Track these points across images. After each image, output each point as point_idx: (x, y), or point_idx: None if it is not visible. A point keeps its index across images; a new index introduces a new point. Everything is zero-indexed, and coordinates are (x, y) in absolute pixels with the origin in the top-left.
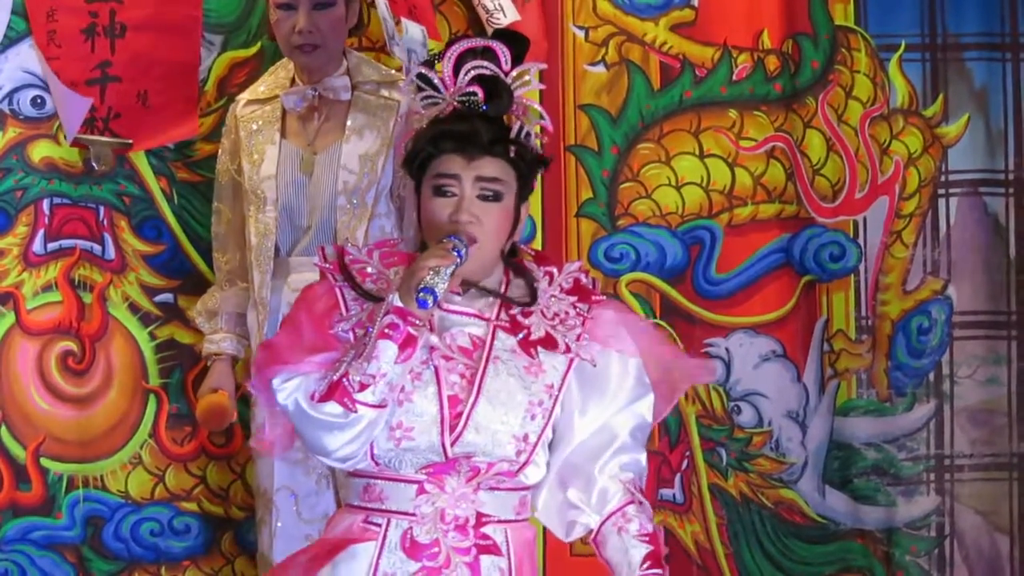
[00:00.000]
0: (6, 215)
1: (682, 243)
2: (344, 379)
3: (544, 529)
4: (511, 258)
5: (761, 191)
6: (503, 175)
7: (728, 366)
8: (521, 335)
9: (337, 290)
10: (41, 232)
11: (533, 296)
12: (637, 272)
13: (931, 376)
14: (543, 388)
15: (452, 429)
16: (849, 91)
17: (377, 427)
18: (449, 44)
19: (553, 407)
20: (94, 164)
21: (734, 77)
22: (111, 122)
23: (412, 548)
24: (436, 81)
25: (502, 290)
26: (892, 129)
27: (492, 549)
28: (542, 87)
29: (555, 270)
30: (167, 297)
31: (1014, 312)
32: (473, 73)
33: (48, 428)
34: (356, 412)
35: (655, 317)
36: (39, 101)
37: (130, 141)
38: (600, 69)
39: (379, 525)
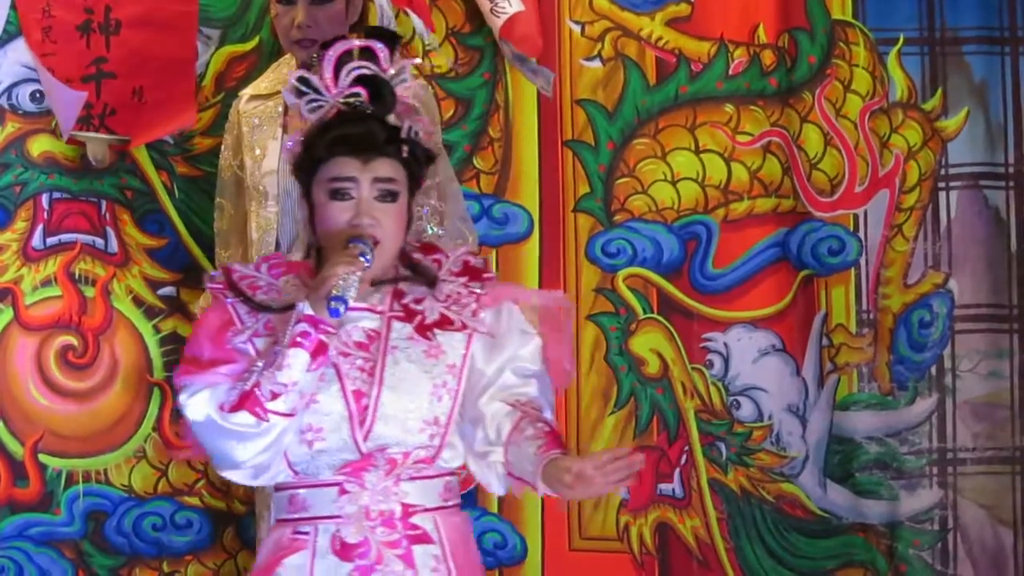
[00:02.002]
0: (4, 210)
1: (678, 238)
2: (256, 389)
3: (543, 526)
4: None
5: (757, 186)
6: (397, 175)
7: (727, 361)
8: (416, 321)
9: (229, 306)
10: (40, 227)
11: (433, 279)
12: (634, 267)
13: (933, 370)
14: (445, 369)
15: (362, 424)
16: (848, 85)
17: (288, 435)
18: (326, 46)
19: (459, 386)
20: (91, 161)
21: (730, 72)
22: (107, 119)
23: (343, 550)
24: (317, 83)
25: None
26: (891, 123)
27: (423, 538)
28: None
29: (443, 257)
30: (170, 290)
31: (1015, 305)
32: (355, 74)
33: (47, 423)
34: (268, 421)
35: (653, 312)
36: (38, 96)
37: (127, 137)
38: (596, 64)
39: (307, 534)
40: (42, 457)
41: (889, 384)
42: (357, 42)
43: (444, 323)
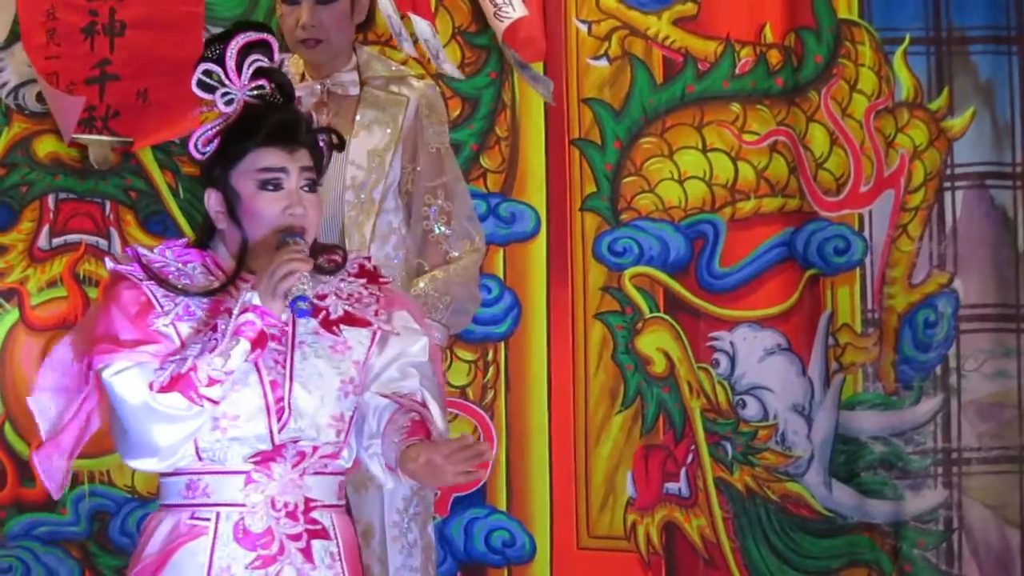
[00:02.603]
0: (11, 211)
1: (685, 237)
2: (192, 372)
3: (551, 524)
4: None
5: (764, 185)
6: (314, 165)
7: (733, 360)
8: (320, 316)
9: (146, 288)
10: (46, 227)
11: (343, 262)
12: (640, 266)
13: (938, 370)
14: (351, 365)
15: (279, 416)
16: (853, 84)
17: (205, 422)
18: (224, 38)
19: (363, 381)
20: (93, 163)
21: (737, 71)
22: (110, 121)
23: (245, 538)
24: (222, 76)
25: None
26: (897, 122)
27: (322, 534)
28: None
29: (338, 257)
30: None
31: (1022, 305)
32: (255, 66)
33: None
34: (200, 406)
35: (659, 311)
36: (44, 97)
37: (130, 140)
38: (603, 63)
39: (207, 520)
40: None
41: (894, 384)
42: (255, 34)
43: (350, 320)
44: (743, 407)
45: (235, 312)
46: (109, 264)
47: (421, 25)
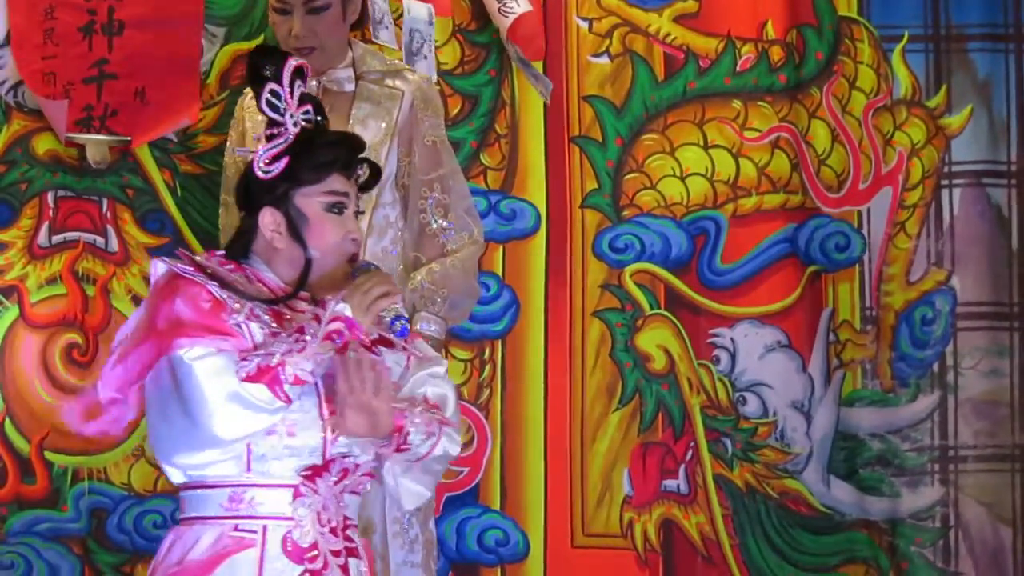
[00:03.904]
0: (11, 208)
1: (687, 233)
2: (280, 368)
3: (545, 523)
4: None
5: (766, 181)
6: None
7: (733, 356)
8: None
9: (211, 288)
10: (46, 225)
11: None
12: (642, 263)
13: (935, 367)
14: (392, 387)
15: (333, 428)
16: (853, 82)
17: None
18: (273, 60)
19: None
20: (91, 162)
21: (738, 68)
22: (108, 120)
23: (294, 551)
24: (285, 99)
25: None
26: (895, 120)
27: (355, 552)
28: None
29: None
30: None
31: (1017, 303)
32: (300, 91)
33: (52, 421)
34: (282, 401)
35: (660, 308)
36: None
37: (127, 138)
38: (604, 60)
39: (254, 532)
40: (48, 454)
41: (891, 381)
42: (297, 60)
43: (385, 342)
44: (743, 404)
45: (325, 319)
46: (162, 264)
47: (418, 10)
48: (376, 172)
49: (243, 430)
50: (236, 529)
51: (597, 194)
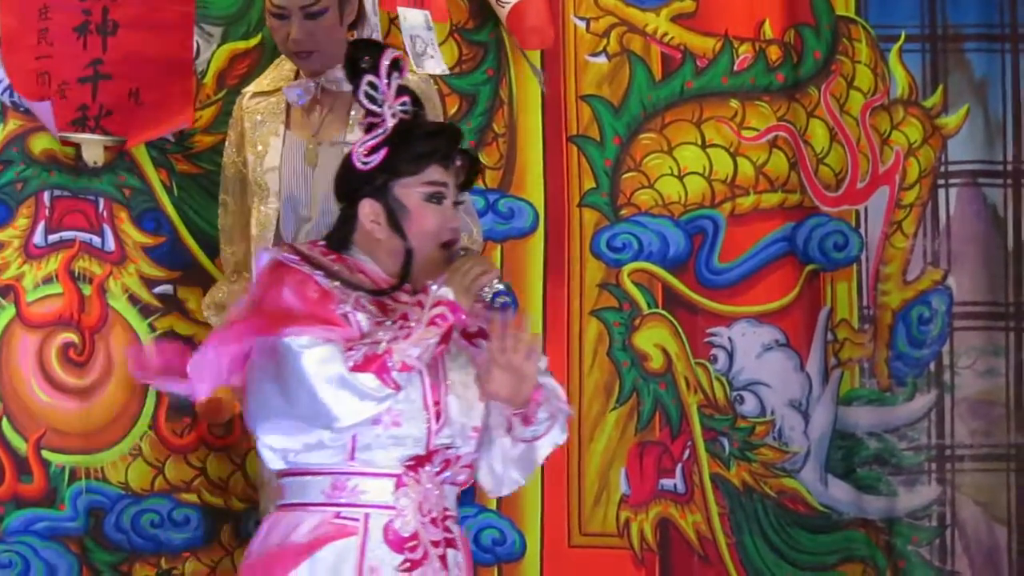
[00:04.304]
0: (7, 207)
1: (685, 232)
2: (387, 355)
3: (542, 522)
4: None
5: (764, 180)
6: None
7: (731, 355)
8: (460, 328)
9: (318, 278)
10: (42, 224)
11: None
12: (640, 262)
13: (931, 366)
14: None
15: (437, 418)
16: (850, 81)
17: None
18: (371, 52)
19: None
20: (87, 162)
21: (735, 67)
22: (103, 120)
23: (395, 540)
24: (383, 90)
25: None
26: (892, 119)
27: (453, 543)
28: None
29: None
30: (167, 289)
31: (1012, 303)
32: (396, 84)
33: (49, 420)
34: (390, 388)
35: (658, 307)
36: None
37: (122, 138)
38: (601, 60)
39: (356, 520)
40: (45, 453)
41: (888, 380)
42: (392, 52)
43: (484, 335)
44: (741, 403)
45: (428, 304)
46: (267, 254)
47: (414, 17)
48: (476, 163)
49: (354, 418)
50: (338, 516)
51: (595, 193)
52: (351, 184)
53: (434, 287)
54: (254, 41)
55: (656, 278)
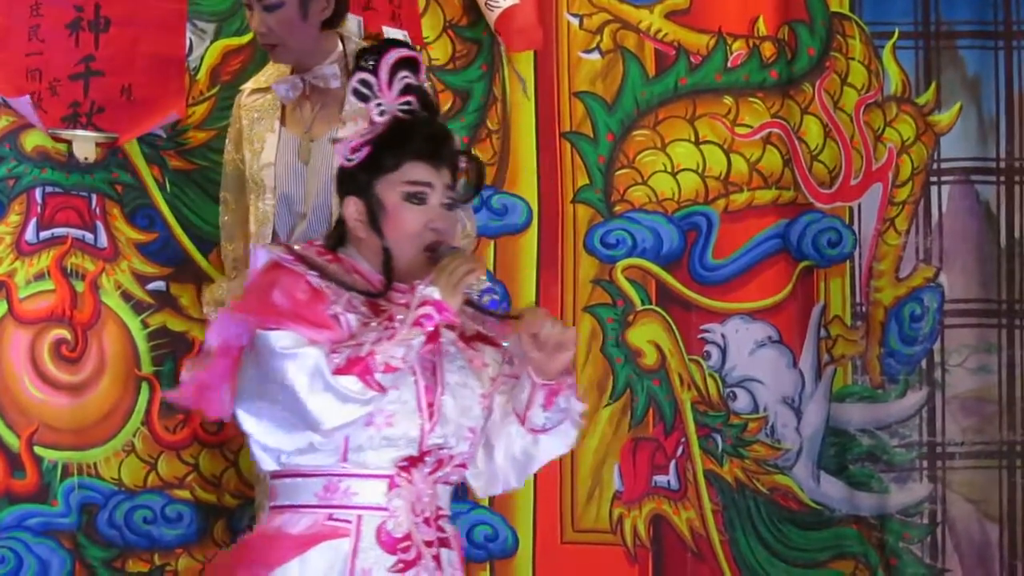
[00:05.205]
0: None
1: (678, 229)
2: (370, 357)
3: (534, 518)
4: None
5: (757, 177)
6: (452, 184)
7: (724, 352)
8: (457, 329)
9: (311, 278)
10: (34, 221)
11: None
12: (633, 258)
13: (923, 364)
14: (489, 381)
15: (430, 418)
16: (844, 78)
17: (362, 417)
18: (378, 51)
19: (492, 400)
20: (78, 159)
21: (729, 64)
22: (94, 116)
23: (388, 542)
24: (376, 87)
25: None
26: (886, 116)
27: (447, 543)
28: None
29: None
30: (159, 285)
31: (1004, 300)
32: (404, 83)
33: (42, 416)
34: (374, 390)
35: (651, 303)
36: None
37: (114, 135)
38: (595, 56)
39: (348, 522)
40: (37, 449)
41: (880, 377)
42: (405, 51)
43: (483, 338)
44: (733, 399)
45: (414, 304)
46: (264, 252)
47: (395, 35)
48: (477, 165)
49: (338, 420)
50: (330, 518)
51: (588, 189)
52: (339, 181)
53: (420, 286)
54: (247, 38)
55: (649, 274)
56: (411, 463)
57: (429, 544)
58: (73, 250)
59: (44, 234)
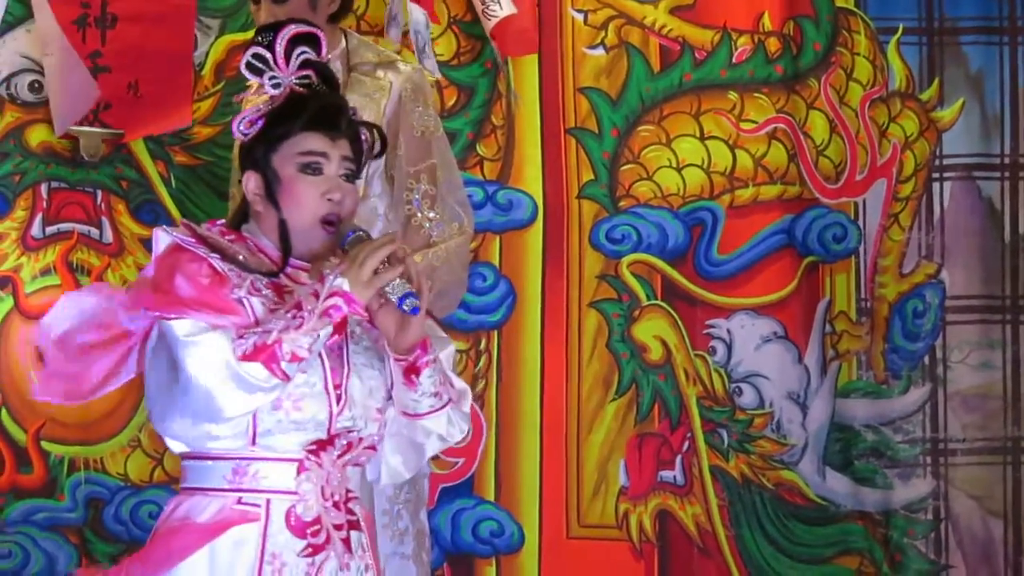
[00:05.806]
0: (4, 199)
1: (684, 224)
2: (277, 345)
3: (540, 514)
4: None
5: (762, 173)
6: (354, 156)
7: (729, 347)
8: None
9: (213, 261)
10: (39, 216)
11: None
12: (639, 253)
13: (926, 359)
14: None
15: (338, 401)
16: (850, 73)
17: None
18: (274, 28)
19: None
20: (84, 155)
21: (734, 60)
22: (101, 113)
23: (297, 526)
24: (271, 62)
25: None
26: (890, 112)
27: (356, 525)
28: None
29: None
30: None
31: (1007, 296)
32: (303, 58)
33: (48, 411)
34: (279, 379)
35: (656, 298)
36: (36, 86)
37: (121, 131)
38: (600, 52)
39: (257, 506)
40: (44, 444)
41: (884, 373)
42: (304, 27)
43: None
44: (739, 395)
45: (323, 295)
46: (165, 235)
47: (417, 14)
48: (378, 134)
49: (236, 409)
50: (239, 502)
51: (594, 185)
52: (240, 157)
53: (330, 277)
54: (252, 33)
55: (655, 270)
56: (320, 446)
57: (339, 527)
58: (79, 245)
59: (50, 229)
